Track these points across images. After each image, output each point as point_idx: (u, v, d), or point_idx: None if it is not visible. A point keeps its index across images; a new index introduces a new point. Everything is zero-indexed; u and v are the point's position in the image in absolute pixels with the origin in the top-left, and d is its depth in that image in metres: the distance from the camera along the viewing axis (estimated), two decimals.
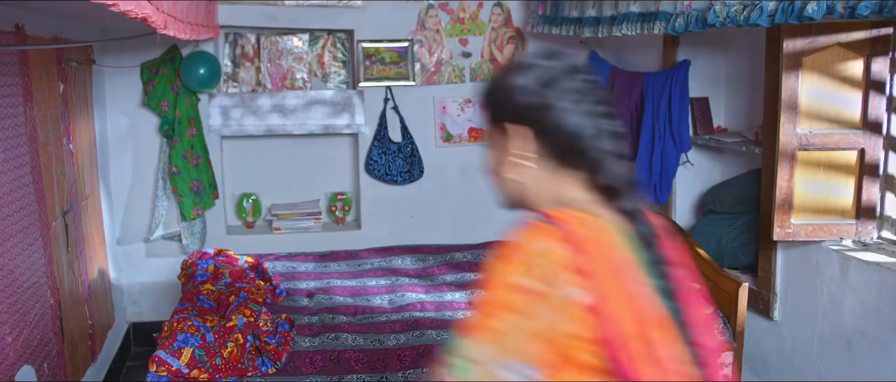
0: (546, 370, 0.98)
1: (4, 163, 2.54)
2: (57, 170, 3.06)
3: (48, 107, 3.00)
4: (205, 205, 4.14)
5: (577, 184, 1.08)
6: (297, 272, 3.82)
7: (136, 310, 4.26)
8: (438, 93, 4.44)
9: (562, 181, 1.07)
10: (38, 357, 2.74)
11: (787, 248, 3.19)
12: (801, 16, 2.24)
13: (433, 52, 4.41)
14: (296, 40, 4.36)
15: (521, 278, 0.99)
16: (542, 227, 1.02)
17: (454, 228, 4.55)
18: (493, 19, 4.44)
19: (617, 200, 1.07)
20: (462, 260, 4.01)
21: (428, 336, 2.96)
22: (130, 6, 1.79)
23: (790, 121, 2.87)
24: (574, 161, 1.05)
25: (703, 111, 3.91)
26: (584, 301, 0.98)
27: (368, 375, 2.78)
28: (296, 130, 4.26)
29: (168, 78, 4.03)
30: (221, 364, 2.64)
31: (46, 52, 3.00)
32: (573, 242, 0.99)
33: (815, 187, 2.92)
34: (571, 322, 0.98)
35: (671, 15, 2.95)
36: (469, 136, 4.51)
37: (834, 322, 2.95)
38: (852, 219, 2.92)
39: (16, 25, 2.65)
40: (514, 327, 0.97)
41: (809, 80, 2.84)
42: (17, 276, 2.60)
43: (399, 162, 4.40)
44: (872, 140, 2.85)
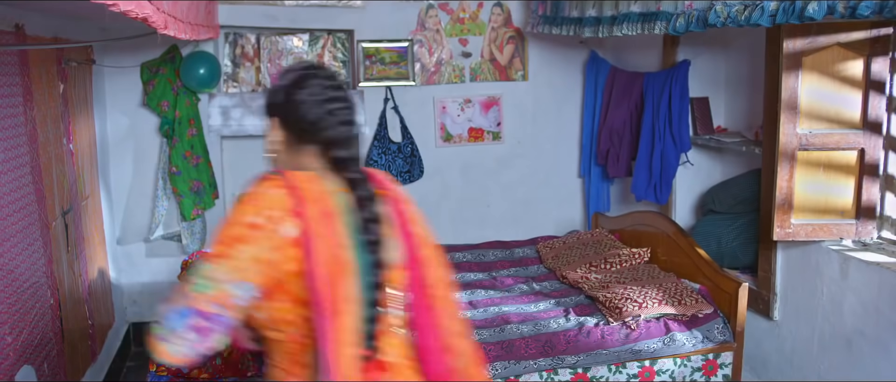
0: (264, 291, 1.29)
1: (4, 163, 2.53)
2: (57, 170, 3.06)
3: (48, 107, 3.00)
4: (205, 205, 4.14)
5: (312, 157, 1.39)
6: None
7: (136, 310, 4.26)
8: (438, 93, 4.44)
9: (301, 155, 1.39)
10: (38, 357, 2.73)
11: (787, 248, 3.19)
12: (802, 16, 2.24)
13: (433, 52, 4.41)
14: (296, 40, 4.36)
15: (251, 216, 1.29)
16: (272, 178, 1.33)
17: (454, 228, 4.55)
18: (493, 19, 4.44)
19: (343, 171, 1.38)
20: (462, 260, 4.01)
21: None
22: (131, 6, 1.79)
23: (790, 121, 2.87)
24: (309, 140, 1.37)
25: (703, 111, 3.92)
26: (291, 234, 1.28)
27: None
28: None
29: (168, 78, 4.03)
30: (221, 364, 2.64)
31: (46, 52, 2.99)
32: (292, 190, 1.31)
33: (815, 187, 2.93)
34: (283, 251, 1.27)
35: (672, 15, 2.95)
36: (469, 136, 4.52)
37: (834, 322, 2.95)
38: (852, 219, 2.92)
39: (16, 25, 2.65)
40: (242, 254, 1.26)
41: (809, 80, 2.85)
42: (17, 276, 2.59)
43: (399, 162, 4.40)
44: (872, 140, 2.85)
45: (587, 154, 4.55)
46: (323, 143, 1.39)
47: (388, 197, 1.47)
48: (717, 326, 3.05)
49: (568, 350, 2.93)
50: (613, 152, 4.28)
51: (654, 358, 3.00)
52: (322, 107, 1.37)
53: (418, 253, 1.50)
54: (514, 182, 4.62)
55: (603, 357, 2.94)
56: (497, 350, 2.90)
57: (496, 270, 3.90)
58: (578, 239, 4.03)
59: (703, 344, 3.03)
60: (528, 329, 3.02)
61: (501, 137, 4.55)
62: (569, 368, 2.93)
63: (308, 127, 1.38)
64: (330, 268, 1.29)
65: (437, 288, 1.50)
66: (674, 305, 3.07)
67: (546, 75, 4.55)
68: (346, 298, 1.30)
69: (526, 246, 4.18)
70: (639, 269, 3.55)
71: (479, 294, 3.52)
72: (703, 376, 3.06)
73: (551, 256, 3.95)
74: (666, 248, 3.62)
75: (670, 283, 3.25)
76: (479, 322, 3.11)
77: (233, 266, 1.25)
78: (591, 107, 4.50)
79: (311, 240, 1.29)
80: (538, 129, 4.60)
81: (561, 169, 4.68)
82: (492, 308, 3.30)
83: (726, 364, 3.08)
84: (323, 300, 1.27)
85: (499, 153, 4.57)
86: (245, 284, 1.25)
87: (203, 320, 1.21)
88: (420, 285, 1.48)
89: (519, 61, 4.51)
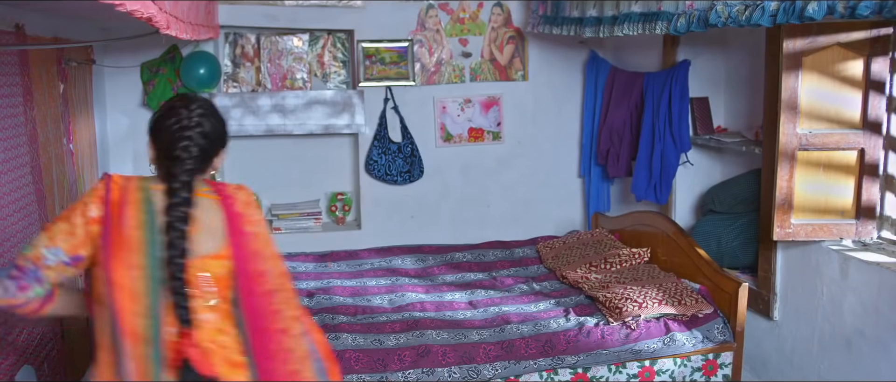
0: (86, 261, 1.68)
1: (4, 163, 2.54)
2: (57, 170, 3.06)
3: (48, 107, 3.00)
4: None
5: (162, 167, 1.73)
6: (296, 272, 3.82)
7: None
8: (438, 93, 4.44)
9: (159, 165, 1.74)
10: (38, 357, 2.74)
11: (787, 248, 3.19)
12: (802, 16, 2.24)
13: (433, 52, 4.41)
14: (296, 40, 4.36)
15: (78, 203, 1.69)
16: (103, 178, 1.72)
17: (454, 228, 4.55)
18: (493, 19, 4.44)
19: (169, 181, 1.68)
20: (462, 260, 4.01)
21: (428, 336, 2.96)
22: (137, 6, 1.80)
23: (790, 121, 2.87)
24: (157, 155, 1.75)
25: (703, 111, 3.92)
26: (95, 215, 1.66)
27: (368, 375, 2.78)
28: (296, 130, 4.26)
29: (168, 78, 4.03)
30: None
31: (46, 52, 2.99)
32: (111, 184, 1.70)
33: (815, 187, 2.93)
34: (88, 227, 1.65)
35: (673, 15, 2.95)
36: (469, 136, 4.52)
37: (834, 323, 2.96)
38: (852, 219, 2.92)
39: (16, 25, 2.65)
40: (58, 227, 1.66)
41: (809, 80, 2.85)
42: None
43: (399, 162, 4.40)
44: (872, 140, 2.85)
45: (587, 154, 4.55)
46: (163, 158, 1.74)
47: (222, 201, 1.76)
48: (717, 326, 3.05)
49: (568, 350, 2.93)
50: (613, 152, 4.28)
51: (654, 358, 3.00)
52: (164, 133, 1.72)
53: (246, 249, 1.72)
54: (514, 182, 4.62)
55: (603, 357, 2.94)
56: (497, 350, 2.90)
57: (496, 270, 3.90)
58: (578, 239, 4.04)
59: (703, 344, 3.03)
60: (528, 329, 3.03)
61: (501, 137, 4.55)
62: (569, 368, 2.93)
63: (155, 145, 1.76)
64: (116, 242, 1.63)
65: (262, 281, 1.71)
66: (674, 305, 3.07)
67: (546, 75, 4.55)
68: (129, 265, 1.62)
69: (526, 246, 4.18)
70: (639, 269, 3.55)
71: (479, 294, 3.52)
72: (703, 376, 3.07)
73: (551, 256, 3.95)
74: (666, 248, 3.62)
75: (670, 283, 3.25)
76: (479, 323, 3.11)
77: (49, 235, 1.65)
78: (591, 107, 4.50)
79: (108, 219, 1.66)
80: (538, 129, 4.60)
81: (561, 169, 4.68)
82: (492, 308, 3.30)
83: (726, 364, 3.08)
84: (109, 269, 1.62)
85: (499, 153, 4.58)
86: (54, 249, 1.64)
87: (18, 271, 1.63)
88: (246, 276, 1.71)
89: (519, 61, 4.51)
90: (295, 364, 1.70)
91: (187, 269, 1.63)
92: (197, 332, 1.65)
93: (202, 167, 1.74)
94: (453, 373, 2.83)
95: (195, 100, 1.74)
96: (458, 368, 2.84)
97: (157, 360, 1.60)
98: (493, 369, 2.86)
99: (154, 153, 1.77)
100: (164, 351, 1.61)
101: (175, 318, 1.63)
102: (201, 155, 1.71)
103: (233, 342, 1.70)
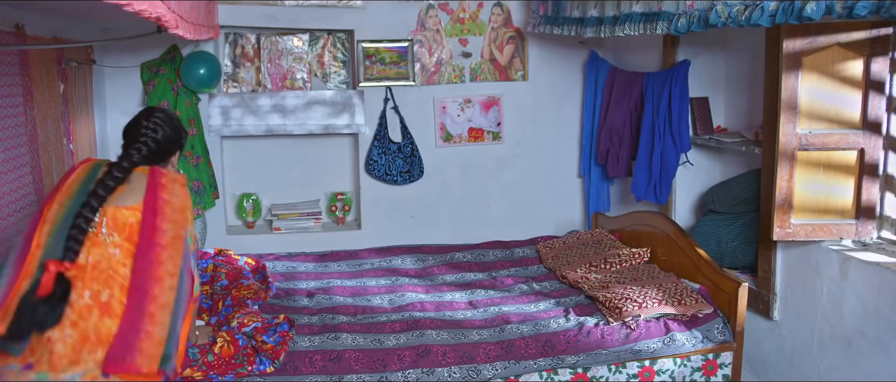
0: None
1: (4, 163, 2.54)
2: (57, 170, 3.07)
3: (48, 107, 3.00)
4: (205, 205, 4.14)
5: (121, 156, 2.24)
6: (296, 272, 3.82)
7: None
8: (438, 93, 4.45)
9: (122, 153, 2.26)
10: None
11: (787, 248, 3.19)
12: (801, 16, 2.25)
13: (433, 52, 4.41)
14: (296, 40, 4.36)
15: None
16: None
17: (454, 228, 4.55)
18: (493, 19, 4.44)
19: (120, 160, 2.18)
20: (462, 260, 4.01)
21: (428, 336, 2.96)
22: (144, 6, 1.80)
23: (790, 121, 2.87)
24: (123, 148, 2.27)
25: (702, 111, 3.92)
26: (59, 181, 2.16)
27: (368, 375, 2.78)
28: (296, 130, 4.26)
29: (168, 78, 4.03)
30: (214, 360, 2.64)
31: (46, 52, 3.00)
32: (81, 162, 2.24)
33: (815, 187, 2.93)
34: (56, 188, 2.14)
35: (673, 15, 2.95)
36: (469, 136, 4.52)
37: (834, 323, 2.96)
38: (852, 219, 2.92)
39: (16, 25, 2.66)
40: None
41: (809, 80, 2.85)
42: None
43: (399, 162, 4.40)
44: (872, 140, 2.85)
45: (587, 154, 4.55)
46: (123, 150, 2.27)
47: (150, 175, 2.19)
48: (717, 326, 3.05)
49: (568, 350, 2.93)
50: (613, 152, 4.28)
51: (653, 358, 3.00)
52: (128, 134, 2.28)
53: (155, 208, 2.10)
54: (514, 182, 4.62)
55: (603, 357, 2.94)
56: (497, 350, 2.90)
57: (496, 270, 3.90)
58: (578, 239, 4.04)
59: (702, 344, 3.03)
60: (528, 329, 3.03)
61: (501, 137, 4.56)
62: (569, 368, 2.93)
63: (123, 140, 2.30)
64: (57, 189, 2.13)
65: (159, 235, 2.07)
66: (674, 305, 3.07)
67: (546, 75, 4.55)
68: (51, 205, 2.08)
69: (526, 246, 4.18)
70: (639, 269, 3.55)
71: (479, 294, 3.53)
72: (703, 376, 3.07)
73: (551, 256, 3.95)
74: (666, 248, 3.63)
75: (670, 283, 3.25)
76: (479, 323, 3.12)
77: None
78: (590, 107, 4.50)
79: (61, 181, 2.15)
80: (538, 129, 4.60)
81: (561, 169, 4.68)
82: (492, 308, 3.30)
83: (726, 364, 3.08)
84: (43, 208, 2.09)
85: (499, 153, 4.58)
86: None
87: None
88: (148, 226, 2.08)
89: (519, 61, 4.51)
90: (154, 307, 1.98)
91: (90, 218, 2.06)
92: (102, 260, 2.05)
93: (154, 160, 2.28)
94: (453, 373, 2.83)
95: (156, 113, 2.32)
96: (458, 368, 2.84)
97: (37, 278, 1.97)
98: (493, 369, 2.86)
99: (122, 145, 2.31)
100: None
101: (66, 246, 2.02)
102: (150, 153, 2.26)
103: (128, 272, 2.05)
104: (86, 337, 1.95)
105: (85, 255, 2.02)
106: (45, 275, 1.94)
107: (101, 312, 1.98)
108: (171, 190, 2.18)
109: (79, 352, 1.94)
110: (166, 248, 2.06)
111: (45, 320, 1.90)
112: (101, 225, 2.08)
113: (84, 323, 1.97)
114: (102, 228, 2.08)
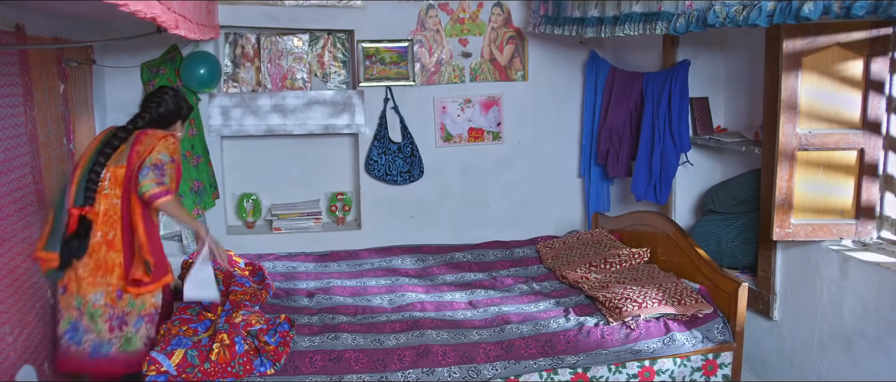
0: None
1: (4, 163, 2.54)
2: (57, 170, 3.07)
3: (48, 107, 3.00)
4: (205, 205, 4.15)
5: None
6: (296, 272, 3.82)
7: None
8: (438, 93, 4.45)
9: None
10: (39, 356, 2.74)
11: (787, 248, 3.19)
12: (799, 16, 2.25)
13: (433, 52, 4.41)
14: (296, 40, 4.36)
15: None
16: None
17: (454, 228, 4.55)
18: (493, 19, 4.44)
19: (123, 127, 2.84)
20: (462, 260, 4.01)
21: (428, 336, 2.96)
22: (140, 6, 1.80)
23: (790, 121, 2.87)
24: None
25: (702, 111, 3.92)
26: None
27: (368, 375, 2.78)
28: (296, 130, 4.27)
29: (168, 78, 4.03)
30: (210, 367, 2.64)
31: (46, 52, 3.00)
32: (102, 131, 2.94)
33: (815, 187, 2.93)
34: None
35: (672, 15, 2.95)
36: (469, 136, 4.52)
37: (834, 323, 2.96)
38: (852, 219, 2.92)
39: (16, 25, 2.66)
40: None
41: (809, 80, 2.85)
42: (17, 276, 2.60)
43: (399, 162, 4.40)
44: (872, 140, 2.85)
45: (587, 154, 4.55)
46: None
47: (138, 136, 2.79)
48: (717, 326, 3.05)
49: (568, 350, 2.93)
50: (613, 152, 4.28)
51: (653, 358, 3.00)
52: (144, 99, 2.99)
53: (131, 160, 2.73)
54: (514, 182, 4.62)
55: (603, 357, 2.94)
56: (497, 349, 2.90)
57: (496, 270, 3.90)
58: (578, 239, 4.04)
59: (702, 344, 3.03)
60: (528, 329, 3.03)
61: (501, 137, 4.56)
62: (569, 368, 2.93)
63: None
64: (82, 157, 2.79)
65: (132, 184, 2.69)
66: (673, 305, 3.07)
67: (546, 75, 4.55)
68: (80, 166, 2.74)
69: (526, 246, 4.18)
70: (639, 269, 3.55)
71: (479, 294, 3.53)
72: (703, 376, 3.07)
73: (551, 256, 3.95)
74: (666, 248, 3.63)
75: (670, 283, 3.25)
76: (479, 322, 3.12)
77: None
78: (590, 107, 4.50)
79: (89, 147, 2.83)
80: (538, 129, 4.60)
81: (561, 169, 4.68)
82: (492, 308, 3.31)
83: (726, 364, 3.08)
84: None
85: (499, 153, 4.58)
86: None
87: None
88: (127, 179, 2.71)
89: (519, 61, 4.51)
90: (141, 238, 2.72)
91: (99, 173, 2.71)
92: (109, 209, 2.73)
93: (157, 126, 2.89)
94: (453, 373, 2.84)
95: (166, 90, 2.96)
96: (457, 368, 2.84)
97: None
98: (493, 369, 2.86)
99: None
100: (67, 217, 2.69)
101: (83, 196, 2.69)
102: (151, 119, 2.88)
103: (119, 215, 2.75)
104: (99, 266, 2.70)
105: (98, 205, 2.70)
106: (69, 218, 2.64)
107: (108, 248, 2.71)
108: (145, 143, 2.75)
109: (95, 277, 2.70)
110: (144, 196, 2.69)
111: (77, 251, 2.63)
112: (105, 180, 2.72)
113: (97, 256, 2.70)
114: (106, 183, 2.71)
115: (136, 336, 2.77)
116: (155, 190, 2.65)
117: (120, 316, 2.74)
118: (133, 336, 2.77)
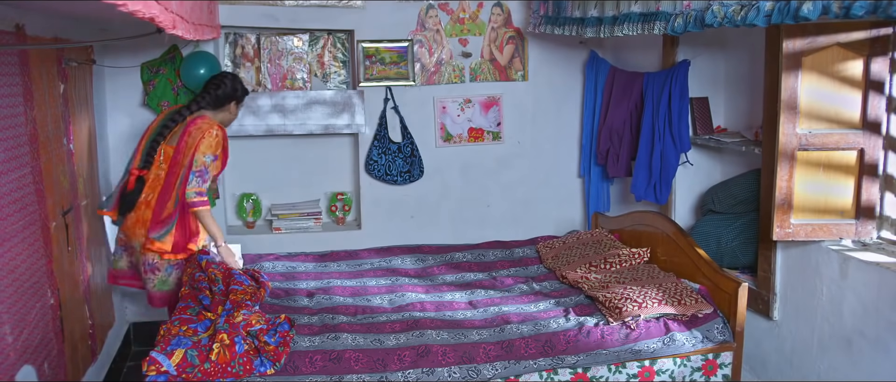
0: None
1: (4, 163, 2.54)
2: (57, 170, 3.07)
3: (48, 107, 3.00)
4: None
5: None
6: (296, 272, 3.82)
7: (137, 310, 4.27)
8: (438, 93, 4.45)
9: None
10: (39, 357, 2.74)
11: (787, 248, 3.19)
12: (797, 16, 2.25)
13: (433, 52, 4.41)
14: (296, 40, 4.36)
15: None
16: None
17: (454, 228, 4.55)
18: (493, 19, 4.44)
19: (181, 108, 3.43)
20: (462, 260, 4.01)
21: (428, 336, 2.96)
22: (138, 6, 1.79)
23: (790, 121, 2.88)
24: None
25: (702, 111, 3.92)
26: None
27: (368, 375, 2.78)
28: (296, 130, 4.27)
29: (168, 78, 4.03)
30: (210, 367, 2.64)
31: (46, 52, 3.00)
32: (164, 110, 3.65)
33: (815, 187, 2.93)
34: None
35: (671, 15, 2.95)
36: (469, 136, 4.52)
37: (834, 323, 2.96)
38: (852, 219, 2.92)
39: (16, 25, 2.66)
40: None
41: (809, 80, 2.85)
42: (17, 276, 2.60)
43: (399, 162, 4.40)
44: (872, 140, 2.85)
45: (587, 154, 4.55)
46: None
47: (189, 125, 3.32)
48: (717, 326, 3.05)
49: (568, 350, 2.93)
50: (613, 152, 4.28)
51: (653, 358, 3.00)
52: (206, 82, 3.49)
53: (180, 146, 3.28)
54: (514, 182, 4.62)
55: (603, 357, 2.94)
56: (497, 350, 2.90)
57: (496, 270, 3.90)
58: (578, 239, 4.04)
59: (702, 344, 3.03)
60: (528, 329, 3.03)
61: (501, 137, 4.56)
62: (569, 368, 2.93)
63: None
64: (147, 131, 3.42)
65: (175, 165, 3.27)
66: (673, 305, 3.07)
67: (546, 75, 4.55)
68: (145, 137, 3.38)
69: (526, 246, 4.18)
70: (639, 269, 3.55)
71: (479, 294, 3.53)
72: (703, 376, 3.07)
73: (551, 256, 3.95)
74: (666, 248, 3.63)
75: (670, 283, 3.25)
76: (479, 323, 3.12)
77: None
78: (590, 107, 4.50)
79: (153, 123, 3.46)
80: (538, 129, 4.60)
81: (561, 169, 4.68)
82: (492, 308, 3.31)
83: (726, 364, 3.08)
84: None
85: (499, 153, 4.58)
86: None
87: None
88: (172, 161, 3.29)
89: (519, 61, 4.51)
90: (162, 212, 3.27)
91: (158, 145, 3.33)
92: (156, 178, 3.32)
93: (213, 107, 3.42)
94: (453, 373, 2.84)
95: (226, 74, 3.48)
96: (458, 368, 2.84)
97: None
98: (493, 369, 2.86)
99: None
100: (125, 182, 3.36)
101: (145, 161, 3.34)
102: (208, 102, 3.40)
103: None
104: (137, 220, 3.30)
105: (151, 173, 3.30)
106: (130, 177, 3.30)
107: (145, 206, 3.29)
108: (194, 134, 3.26)
109: (134, 228, 3.31)
110: (176, 174, 3.25)
111: (130, 203, 3.28)
112: (160, 155, 3.33)
113: (138, 212, 3.30)
114: (160, 157, 3.33)
115: (170, 279, 3.36)
116: (194, 198, 3.26)
117: (152, 264, 3.32)
118: (167, 279, 3.36)
